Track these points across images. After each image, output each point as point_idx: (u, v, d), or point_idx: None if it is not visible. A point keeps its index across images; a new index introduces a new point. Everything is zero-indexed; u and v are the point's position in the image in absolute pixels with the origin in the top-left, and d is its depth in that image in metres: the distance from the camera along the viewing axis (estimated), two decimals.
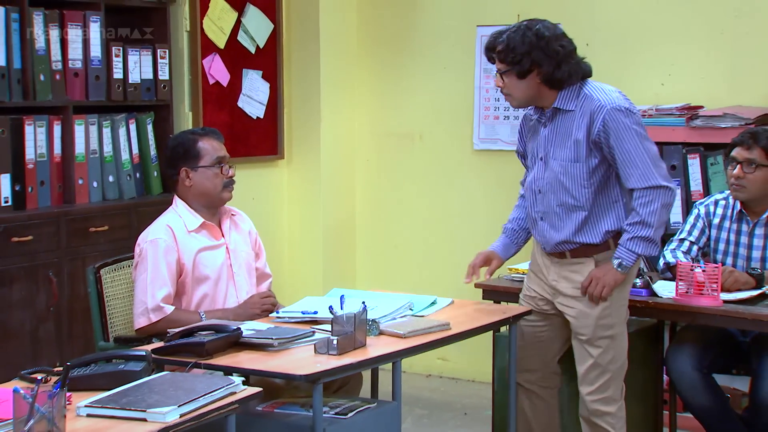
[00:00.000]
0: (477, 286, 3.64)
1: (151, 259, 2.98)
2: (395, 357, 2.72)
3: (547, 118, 3.09)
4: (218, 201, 3.13)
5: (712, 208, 3.51)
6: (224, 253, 3.11)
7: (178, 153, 3.09)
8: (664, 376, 3.72)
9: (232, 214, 3.20)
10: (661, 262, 3.53)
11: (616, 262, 3.04)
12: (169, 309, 2.97)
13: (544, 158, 3.10)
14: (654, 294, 3.33)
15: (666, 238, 3.68)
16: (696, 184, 3.92)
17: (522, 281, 3.56)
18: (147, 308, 2.96)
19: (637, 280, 3.35)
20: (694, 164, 3.92)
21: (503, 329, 3.33)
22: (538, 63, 2.99)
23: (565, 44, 3.04)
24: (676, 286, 3.26)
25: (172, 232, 3.02)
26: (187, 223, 3.06)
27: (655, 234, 3.01)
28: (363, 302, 2.77)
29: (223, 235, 3.13)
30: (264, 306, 3.05)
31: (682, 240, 3.52)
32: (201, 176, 3.08)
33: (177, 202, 3.11)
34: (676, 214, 3.94)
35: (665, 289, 3.34)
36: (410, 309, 3.06)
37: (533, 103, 3.09)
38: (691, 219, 3.55)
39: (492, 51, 3.08)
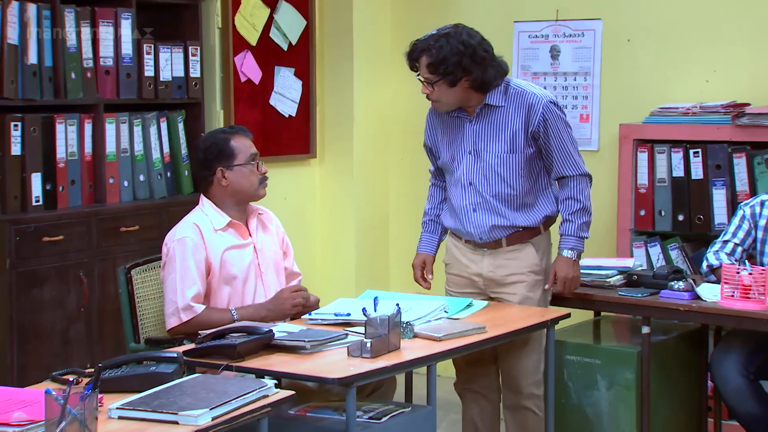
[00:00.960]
0: None
1: (179, 258, 3.00)
2: (430, 360, 2.72)
3: (476, 114, 3.24)
4: (254, 198, 3.16)
5: (758, 209, 3.47)
6: (252, 253, 3.12)
7: (212, 153, 3.11)
8: (709, 382, 3.68)
9: (260, 213, 3.22)
10: (704, 264, 3.49)
11: (573, 253, 3.26)
12: (200, 308, 2.99)
13: (473, 152, 3.26)
14: (698, 297, 3.30)
15: (710, 240, 3.64)
16: (742, 184, 3.87)
17: None
18: (177, 308, 2.98)
19: (681, 283, 3.32)
20: (740, 164, 3.87)
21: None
22: (468, 71, 3.15)
23: (487, 48, 3.21)
24: (722, 289, 3.23)
25: (199, 231, 3.05)
26: (214, 221, 3.09)
27: (591, 216, 3.29)
28: (397, 304, 2.77)
29: (250, 235, 3.15)
30: (295, 300, 3.06)
31: (725, 242, 3.48)
32: (237, 175, 3.10)
33: (204, 201, 3.14)
34: (720, 215, 3.90)
35: (710, 293, 3.30)
36: (445, 311, 3.05)
37: (460, 105, 3.25)
38: (735, 220, 3.51)
39: (415, 60, 3.22)
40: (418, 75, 3.23)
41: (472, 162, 3.26)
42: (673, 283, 3.35)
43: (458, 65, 3.13)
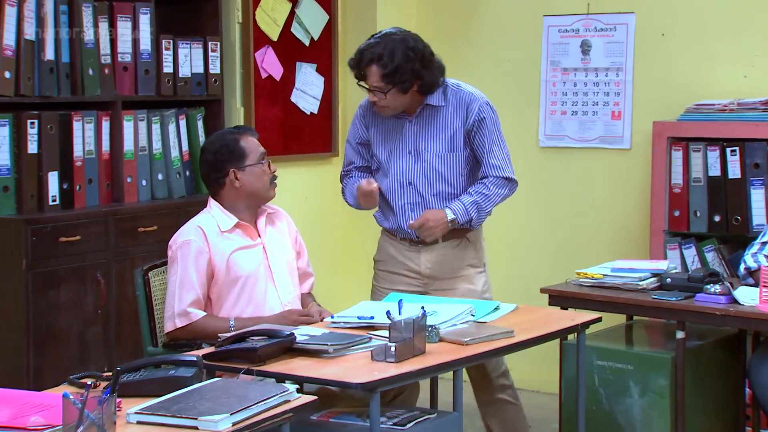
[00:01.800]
0: (543, 291, 3.62)
1: (180, 262, 3.03)
2: (456, 365, 2.71)
3: (416, 114, 3.38)
4: (266, 199, 3.18)
5: None
6: (261, 253, 3.13)
7: (223, 155, 3.12)
8: (747, 389, 3.65)
9: (269, 213, 3.23)
10: (742, 267, 3.46)
11: (451, 215, 3.33)
12: (198, 315, 3.00)
13: (414, 152, 3.40)
14: (735, 301, 3.27)
15: (748, 242, 3.61)
16: None
17: (592, 286, 3.53)
18: (173, 313, 3.01)
19: (717, 287, 3.30)
20: None
21: (571, 337, 3.30)
22: (420, 76, 3.29)
23: (429, 49, 3.35)
24: (760, 293, 3.20)
25: (203, 233, 3.06)
26: (221, 223, 3.10)
27: (488, 212, 3.42)
28: (422, 307, 2.77)
29: (259, 235, 3.16)
30: (300, 324, 3.01)
31: (764, 243, 3.44)
32: (249, 175, 3.12)
33: (211, 203, 3.16)
34: (759, 215, 3.87)
35: (747, 297, 3.27)
36: (472, 315, 3.04)
37: (404, 109, 3.36)
38: None
39: (362, 69, 3.29)
40: (359, 82, 3.33)
41: (412, 162, 3.40)
42: (709, 287, 3.32)
43: (411, 72, 3.26)
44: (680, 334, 3.33)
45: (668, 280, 3.47)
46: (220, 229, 3.09)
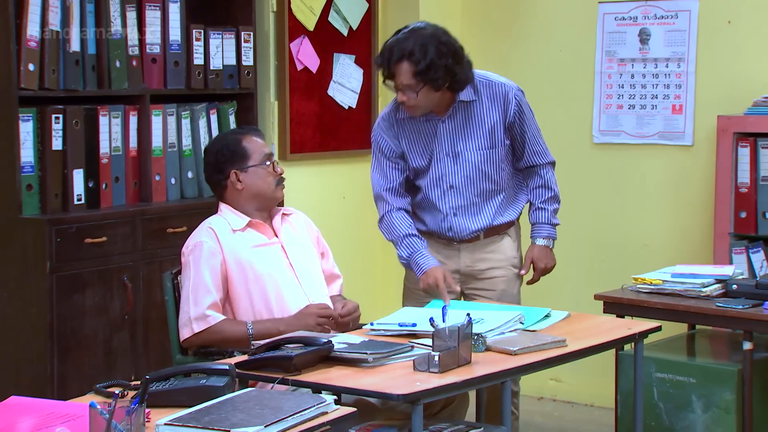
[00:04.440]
0: (597, 297, 3.60)
1: (193, 266, 3.07)
2: (504, 376, 2.71)
3: (449, 113, 3.40)
4: (272, 201, 3.21)
5: None
6: (280, 252, 3.16)
7: (224, 156, 3.18)
8: None
9: (285, 213, 3.27)
10: None
11: (549, 242, 3.51)
12: (216, 318, 3.02)
13: (451, 153, 3.42)
14: None
15: None
16: None
17: (651, 292, 3.51)
18: (190, 318, 3.03)
19: None
20: None
21: (627, 347, 3.29)
22: (453, 72, 3.30)
23: (460, 44, 3.35)
24: None
25: (215, 234, 3.10)
26: (232, 223, 3.14)
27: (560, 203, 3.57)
28: (468, 314, 2.77)
29: (276, 234, 3.19)
30: (319, 319, 3.04)
31: None
32: (252, 176, 3.16)
33: (222, 207, 3.21)
34: None
35: None
36: (521, 322, 3.04)
37: (433, 108, 3.37)
38: None
39: (392, 67, 3.27)
40: (385, 81, 3.33)
41: (451, 164, 3.43)
42: None
43: (444, 68, 3.27)
44: (747, 345, 3.30)
45: (734, 286, 3.44)
46: (231, 229, 3.12)
